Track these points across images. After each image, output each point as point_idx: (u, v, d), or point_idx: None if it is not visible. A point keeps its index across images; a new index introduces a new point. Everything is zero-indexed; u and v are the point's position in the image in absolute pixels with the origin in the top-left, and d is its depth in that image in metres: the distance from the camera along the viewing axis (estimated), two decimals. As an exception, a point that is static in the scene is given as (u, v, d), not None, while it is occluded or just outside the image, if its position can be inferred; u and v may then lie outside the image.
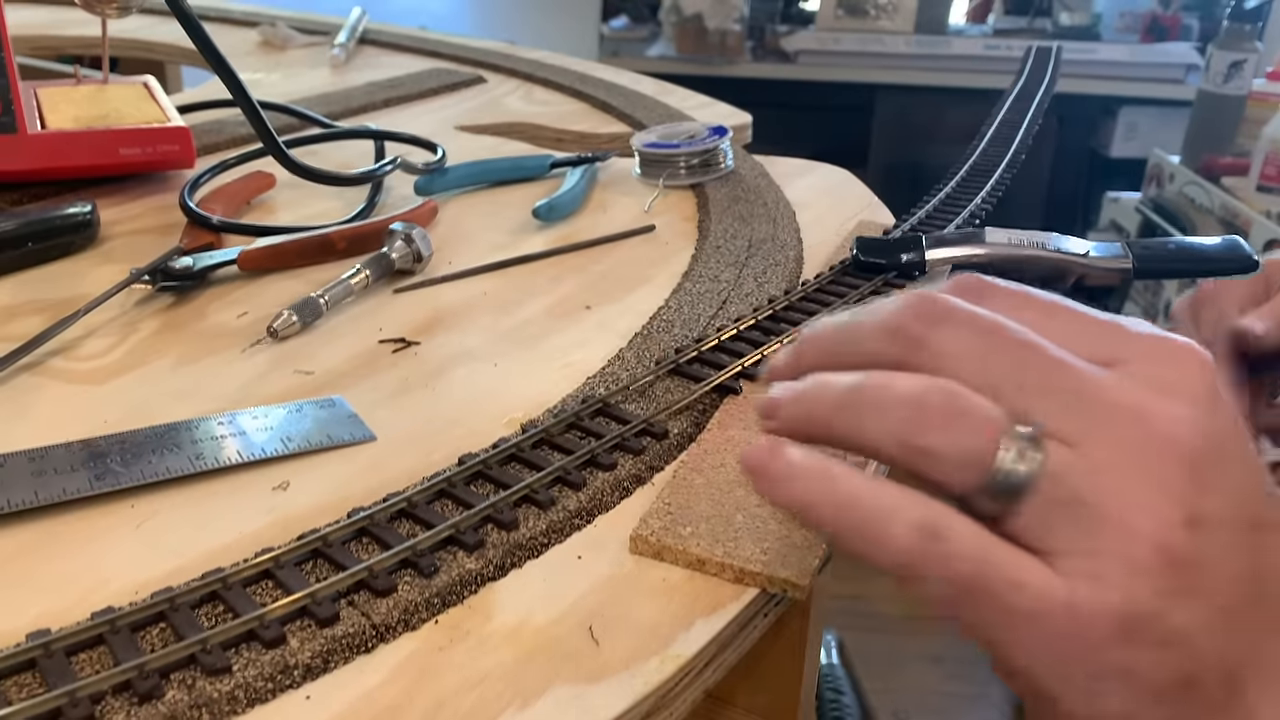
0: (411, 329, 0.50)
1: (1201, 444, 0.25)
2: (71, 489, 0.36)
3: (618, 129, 0.83)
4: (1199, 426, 0.26)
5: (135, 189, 0.66)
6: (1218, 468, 0.26)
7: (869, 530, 0.26)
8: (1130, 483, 0.25)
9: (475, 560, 0.33)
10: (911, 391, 0.26)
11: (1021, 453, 0.25)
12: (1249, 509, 0.26)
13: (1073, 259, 0.49)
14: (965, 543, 0.26)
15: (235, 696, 0.28)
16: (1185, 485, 0.25)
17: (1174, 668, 0.25)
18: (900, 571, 0.26)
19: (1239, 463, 0.26)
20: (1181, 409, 0.26)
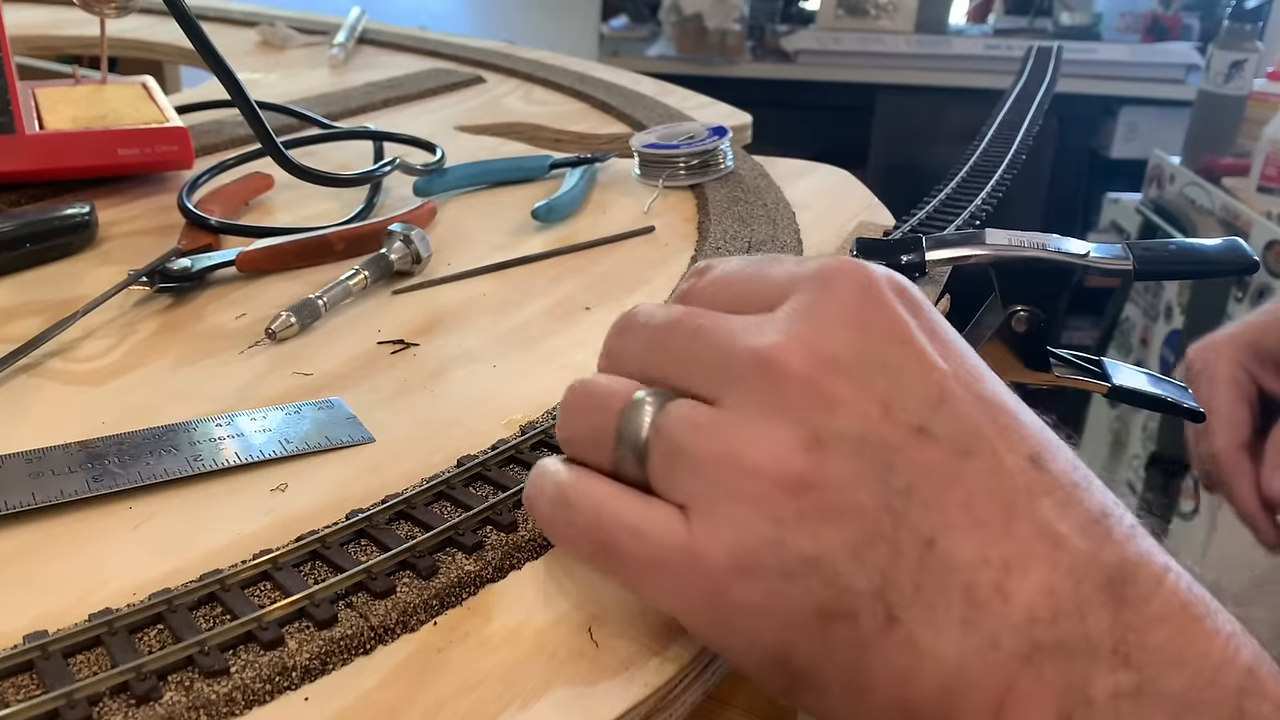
0: (410, 330, 0.50)
1: (827, 361, 0.25)
2: (69, 490, 0.36)
3: (617, 129, 0.83)
4: (825, 346, 0.26)
5: (133, 190, 0.66)
6: (850, 383, 0.25)
7: (528, 506, 0.30)
8: (747, 421, 0.26)
9: (474, 562, 0.33)
10: (564, 398, 0.30)
11: (637, 416, 0.27)
12: (893, 421, 0.25)
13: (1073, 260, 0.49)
14: (589, 504, 0.28)
15: (233, 698, 0.28)
16: (805, 408, 0.25)
17: (810, 597, 0.25)
18: (551, 539, 0.29)
19: (885, 375, 0.26)
20: (806, 331, 0.26)
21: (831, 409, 0.25)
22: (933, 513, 0.25)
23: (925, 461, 0.25)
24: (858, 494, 0.25)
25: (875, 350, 0.26)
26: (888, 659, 0.25)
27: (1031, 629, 0.25)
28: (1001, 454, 0.26)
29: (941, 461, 0.25)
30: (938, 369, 0.26)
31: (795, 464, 0.25)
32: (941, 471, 0.25)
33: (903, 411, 0.25)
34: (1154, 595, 0.25)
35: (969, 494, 0.25)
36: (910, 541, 0.25)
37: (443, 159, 0.69)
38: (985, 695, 0.25)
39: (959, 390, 0.26)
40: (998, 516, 0.25)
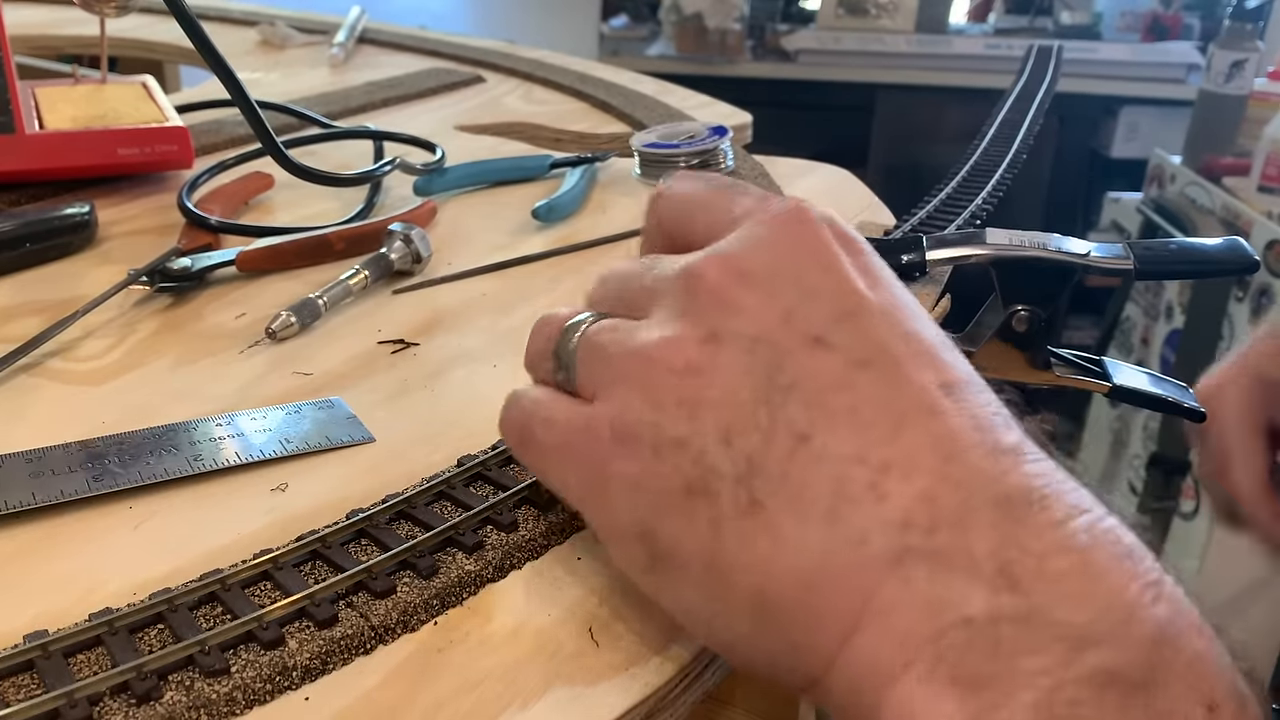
0: (410, 330, 0.50)
1: (735, 272, 0.27)
2: (69, 490, 0.36)
3: (618, 129, 0.83)
4: (742, 262, 0.28)
5: (133, 189, 0.66)
6: (757, 293, 0.27)
7: (502, 427, 0.33)
8: (658, 323, 0.28)
9: (474, 562, 0.33)
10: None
11: (571, 334, 0.30)
12: (791, 329, 0.26)
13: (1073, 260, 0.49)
14: (522, 405, 0.31)
15: (234, 698, 0.28)
16: (709, 311, 0.27)
17: (678, 475, 0.26)
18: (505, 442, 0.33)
19: (795, 290, 0.27)
20: (724, 251, 0.28)
21: (734, 313, 0.27)
22: (814, 411, 0.25)
23: (816, 367, 0.26)
24: (739, 387, 0.26)
25: (791, 269, 0.27)
26: (747, 541, 0.25)
27: (905, 533, 0.24)
28: (907, 371, 0.26)
29: (834, 368, 0.26)
30: (856, 293, 0.27)
31: (687, 353, 0.27)
32: (831, 376, 0.26)
33: (803, 322, 0.27)
34: (1061, 524, 0.24)
35: (857, 400, 0.26)
36: (784, 434, 0.25)
37: (443, 159, 0.69)
38: (847, 598, 0.24)
39: (874, 313, 0.27)
40: (886, 423, 0.25)
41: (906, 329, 0.27)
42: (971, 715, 0.22)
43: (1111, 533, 0.25)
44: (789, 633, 0.25)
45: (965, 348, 0.51)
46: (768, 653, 0.27)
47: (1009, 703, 0.22)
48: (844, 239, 0.28)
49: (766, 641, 0.26)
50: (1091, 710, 0.22)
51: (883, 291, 0.28)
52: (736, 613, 0.26)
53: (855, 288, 0.27)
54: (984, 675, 0.23)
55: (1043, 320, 0.50)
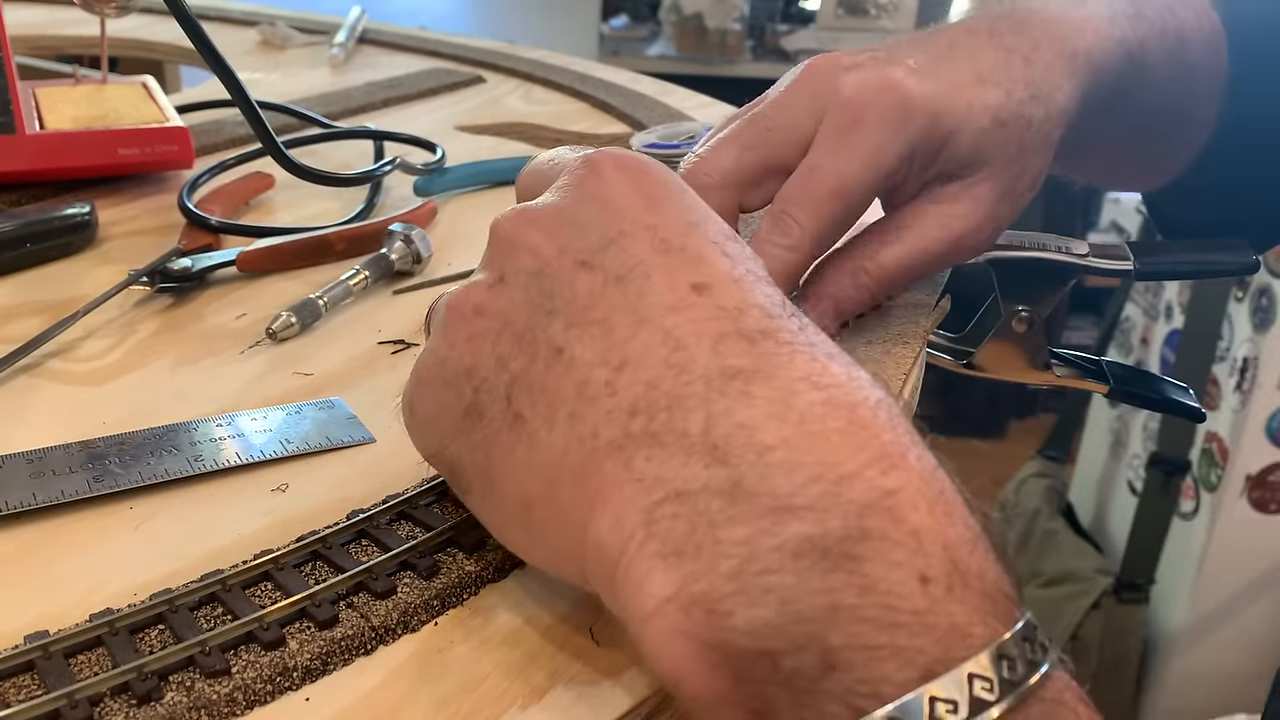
0: (411, 330, 0.50)
1: (525, 221, 0.30)
2: (70, 490, 0.36)
3: (618, 129, 0.83)
4: (532, 209, 0.30)
5: (134, 189, 0.66)
6: (541, 233, 0.30)
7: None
8: (471, 279, 0.31)
9: (475, 562, 0.33)
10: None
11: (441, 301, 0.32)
12: (563, 259, 0.29)
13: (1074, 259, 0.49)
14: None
15: (234, 698, 0.28)
16: (500, 256, 0.30)
17: (461, 401, 0.29)
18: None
19: (574, 226, 0.29)
20: (528, 203, 0.31)
21: (519, 254, 0.29)
22: (572, 328, 0.28)
23: (580, 288, 0.28)
24: (517, 317, 0.29)
25: (574, 208, 0.30)
26: (510, 452, 0.28)
27: (629, 421, 0.26)
28: (656, 280, 0.28)
29: (594, 287, 0.28)
30: (625, 219, 0.29)
31: (477, 297, 0.30)
32: (591, 294, 0.28)
33: (575, 251, 0.29)
34: (782, 397, 0.25)
35: (609, 310, 0.28)
36: (545, 350, 0.28)
37: (443, 159, 0.69)
38: (581, 488, 0.26)
39: (641, 235, 0.29)
40: (627, 326, 0.27)
41: (673, 245, 0.28)
42: (677, 585, 0.24)
43: (854, 405, 0.25)
44: (550, 534, 0.28)
45: (965, 348, 0.51)
46: (546, 557, 0.29)
47: (709, 573, 0.23)
48: (629, 168, 0.30)
49: (541, 546, 0.29)
50: (788, 578, 0.23)
51: (657, 212, 0.29)
52: (513, 522, 0.29)
53: (626, 214, 0.29)
54: (689, 547, 0.24)
55: (1043, 320, 0.50)
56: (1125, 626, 1.65)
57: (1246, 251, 0.50)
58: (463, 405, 0.29)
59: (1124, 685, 1.66)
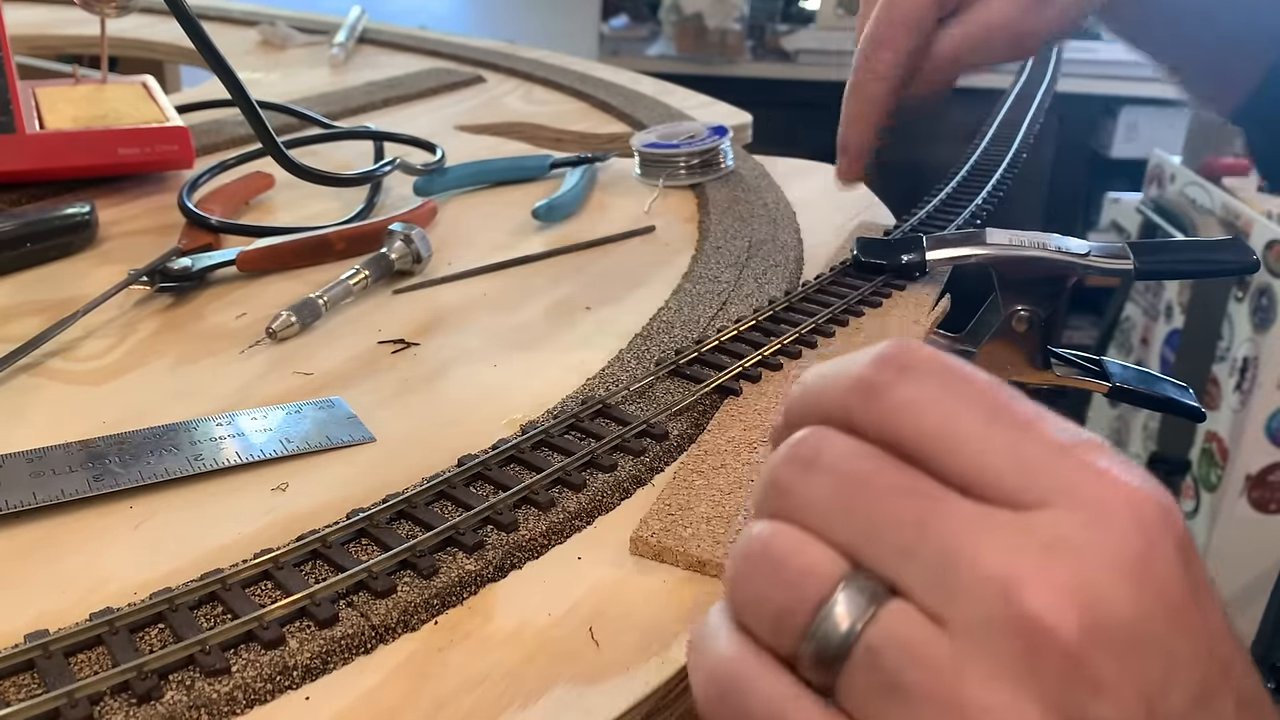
0: (411, 330, 0.50)
1: (1096, 628, 0.20)
2: (70, 490, 0.36)
3: (618, 129, 0.83)
4: (1097, 606, 0.20)
5: (134, 189, 0.66)
6: (1126, 658, 0.20)
7: (690, 667, 0.24)
8: (987, 677, 0.20)
9: (475, 561, 0.33)
10: (746, 540, 0.23)
11: (848, 610, 0.21)
12: (1171, 702, 0.20)
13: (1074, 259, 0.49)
14: (761, 704, 0.22)
15: (234, 697, 0.28)
16: (1064, 686, 0.20)
17: None
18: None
19: (1155, 658, 0.20)
20: (1078, 579, 0.20)
21: (1095, 694, 0.20)
22: None
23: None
24: None
25: (1148, 622, 0.21)
26: None
27: None
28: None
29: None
30: (1207, 655, 0.21)
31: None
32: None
33: (1164, 713, 0.21)
34: None
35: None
36: None
37: (443, 159, 0.69)
38: None
39: (1220, 685, 0.21)
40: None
41: (1243, 696, 0.22)
42: None
43: None
44: None
45: (965, 348, 0.51)
46: None
47: None
48: (1181, 539, 0.22)
49: None
50: None
51: (1214, 626, 0.22)
52: None
53: (1204, 647, 0.21)
54: None
55: (1043, 320, 0.50)
56: (1125, 627, 1.64)
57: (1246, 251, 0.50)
58: None
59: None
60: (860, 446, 0.23)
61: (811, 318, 0.49)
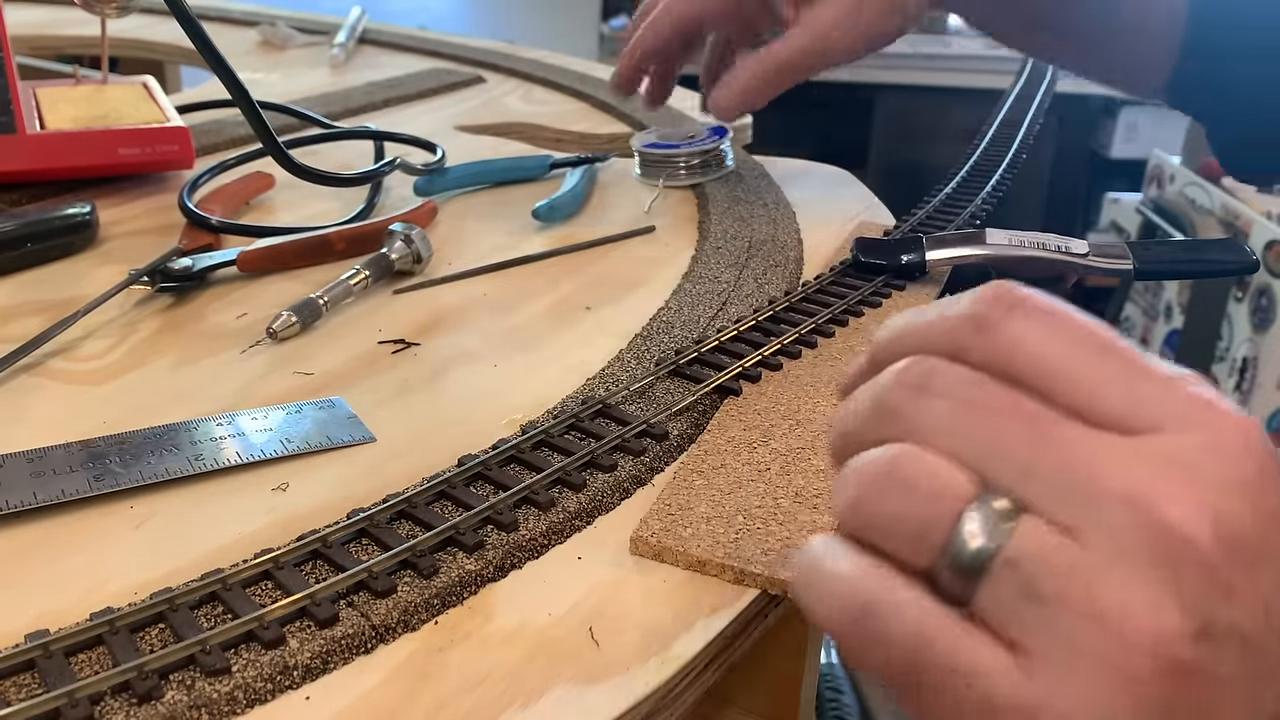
0: (411, 330, 0.50)
1: (1228, 540, 0.21)
2: (70, 490, 0.36)
3: (618, 129, 0.83)
4: (1227, 520, 0.22)
5: (134, 189, 0.66)
6: (1250, 568, 0.22)
7: (800, 596, 0.25)
8: (1127, 582, 0.21)
9: (475, 561, 0.33)
10: (866, 461, 0.24)
11: (984, 527, 0.23)
12: (1271, 628, 0.22)
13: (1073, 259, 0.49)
14: (902, 627, 0.23)
15: (235, 697, 0.28)
16: (1201, 590, 0.21)
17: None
18: (840, 648, 0.24)
19: (1271, 566, 0.22)
20: (1207, 495, 0.22)
21: (1228, 598, 0.21)
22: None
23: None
24: (1230, 704, 0.22)
25: (1266, 536, 0.22)
26: None
27: None
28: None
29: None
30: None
31: (1181, 653, 0.21)
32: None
33: (1277, 617, 0.22)
34: None
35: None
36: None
37: (443, 159, 0.69)
38: None
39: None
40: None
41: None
42: None
43: None
44: None
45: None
46: None
47: None
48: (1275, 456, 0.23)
49: None
50: None
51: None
52: None
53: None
54: None
55: (1042, 320, 0.50)
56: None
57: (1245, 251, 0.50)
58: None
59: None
60: (973, 373, 0.24)
61: (811, 318, 0.49)
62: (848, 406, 0.26)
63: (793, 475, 0.38)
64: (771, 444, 0.40)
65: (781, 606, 0.34)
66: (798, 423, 0.41)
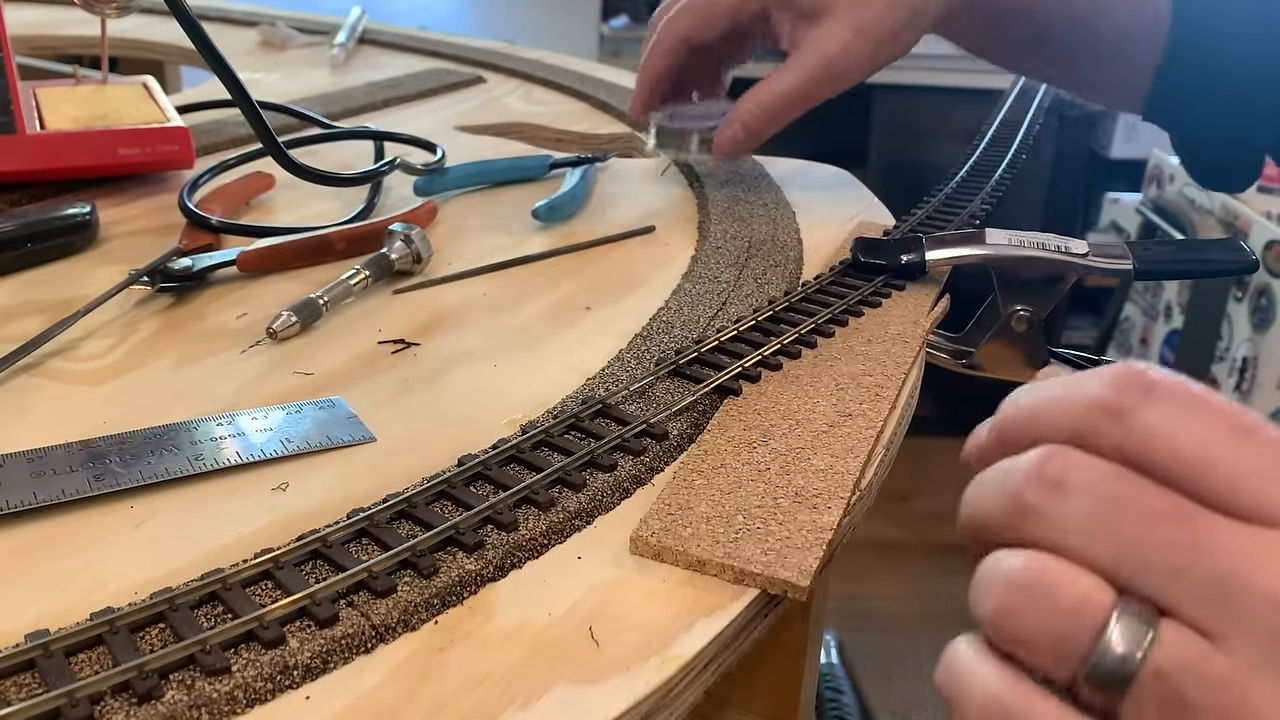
0: (411, 330, 0.50)
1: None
2: (71, 490, 0.36)
3: (618, 129, 0.83)
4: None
5: (134, 189, 0.66)
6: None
7: (945, 694, 0.25)
8: (1272, 691, 0.21)
9: (475, 561, 0.33)
10: (1005, 572, 0.24)
11: (1125, 636, 0.22)
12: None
13: (1073, 259, 0.49)
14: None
15: (235, 697, 0.28)
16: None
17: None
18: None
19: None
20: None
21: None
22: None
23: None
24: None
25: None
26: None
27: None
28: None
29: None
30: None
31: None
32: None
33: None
34: None
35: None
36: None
37: (443, 159, 0.69)
38: None
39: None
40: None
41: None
42: None
43: None
44: None
45: (965, 347, 0.51)
46: None
47: None
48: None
49: None
50: None
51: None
52: None
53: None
54: None
55: (1042, 320, 0.50)
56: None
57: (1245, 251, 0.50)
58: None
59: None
60: (1112, 467, 0.24)
61: (811, 318, 0.49)
62: (980, 490, 0.26)
63: (793, 475, 0.38)
64: (771, 444, 0.40)
65: (781, 606, 0.34)
66: (798, 423, 0.41)
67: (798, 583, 0.33)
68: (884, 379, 0.44)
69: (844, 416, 0.41)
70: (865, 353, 0.47)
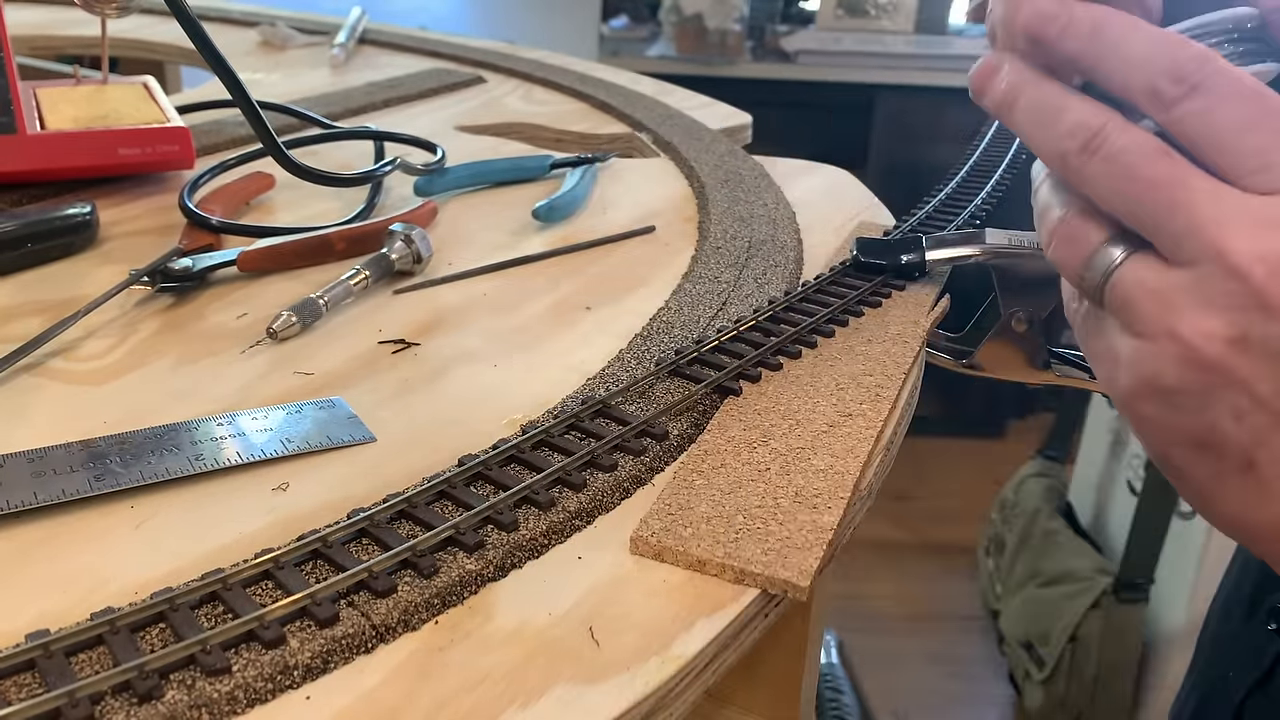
0: (411, 330, 0.50)
1: (1277, 275, 0.27)
2: (71, 490, 0.36)
3: (618, 129, 0.83)
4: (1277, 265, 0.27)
5: (135, 189, 0.66)
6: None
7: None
8: (1188, 300, 0.29)
9: (475, 561, 0.33)
10: (1049, 221, 0.33)
11: (1098, 270, 0.31)
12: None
13: (1073, 259, 0.49)
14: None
15: (235, 697, 0.28)
16: (1243, 308, 0.28)
17: (1188, 432, 0.30)
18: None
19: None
20: (1273, 249, 0.27)
21: (1268, 318, 0.28)
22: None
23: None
24: (1260, 382, 0.28)
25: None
26: (1238, 490, 0.30)
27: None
28: None
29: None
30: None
31: (1215, 352, 0.28)
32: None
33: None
34: None
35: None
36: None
37: (443, 159, 0.69)
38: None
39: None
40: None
41: None
42: None
43: None
44: (1264, 556, 0.31)
45: (964, 348, 0.51)
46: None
47: None
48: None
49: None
50: None
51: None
52: (1220, 523, 0.31)
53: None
54: None
55: (1042, 320, 0.50)
56: (1125, 626, 1.65)
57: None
58: (1191, 436, 0.30)
59: (1124, 685, 1.66)
60: (1134, 130, 0.30)
61: (811, 318, 0.49)
62: (1041, 123, 0.32)
63: (793, 475, 0.38)
64: (771, 444, 0.40)
65: (781, 606, 0.34)
66: (798, 423, 0.41)
67: (798, 583, 0.33)
68: (884, 379, 0.44)
69: (844, 416, 0.42)
70: (865, 353, 0.47)
